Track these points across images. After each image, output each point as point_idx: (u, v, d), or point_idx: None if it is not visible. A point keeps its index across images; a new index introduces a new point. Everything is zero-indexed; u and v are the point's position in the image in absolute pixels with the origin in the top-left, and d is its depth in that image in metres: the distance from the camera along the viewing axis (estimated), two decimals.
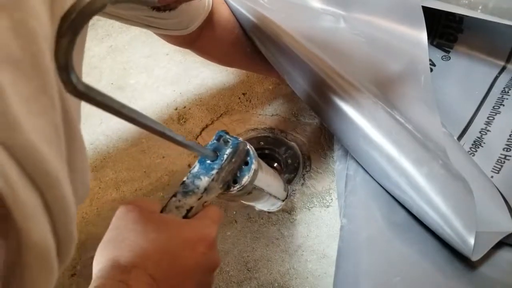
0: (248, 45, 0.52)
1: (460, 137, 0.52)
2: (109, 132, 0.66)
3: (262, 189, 0.39)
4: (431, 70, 0.58)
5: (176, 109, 0.68)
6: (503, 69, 0.55)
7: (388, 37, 0.48)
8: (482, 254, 0.37)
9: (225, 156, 0.33)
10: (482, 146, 0.50)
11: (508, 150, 0.48)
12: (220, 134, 0.35)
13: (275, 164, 0.62)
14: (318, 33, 0.49)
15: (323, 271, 0.50)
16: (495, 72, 0.55)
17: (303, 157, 0.60)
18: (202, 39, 0.48)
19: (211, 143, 0.34)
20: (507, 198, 0.43)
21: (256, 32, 0.49)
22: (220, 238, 0.53)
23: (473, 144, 0.51)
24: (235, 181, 0.35)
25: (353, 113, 0.44)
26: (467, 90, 0.55)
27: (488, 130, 0.51)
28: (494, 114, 0.52)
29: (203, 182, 0.32)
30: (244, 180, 0.34)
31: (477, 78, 0.55)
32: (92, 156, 0.63)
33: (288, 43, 0.46)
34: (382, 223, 0.43)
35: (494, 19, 0.46)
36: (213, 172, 0.32)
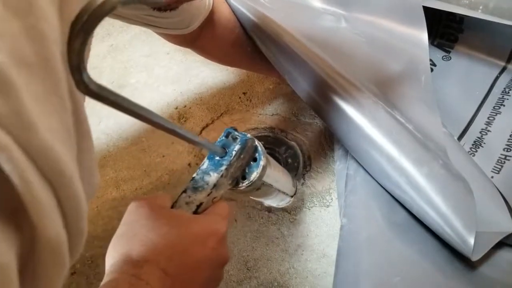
0: (249, 45, 0.52)
1: (461, 137, 0.52)
2: (109, 131, 0.66)
3: (271, 185, 0.39)
4: (432, 70, 0.58)
5: (177, 108, 0.68)
6: (504, 69, 0.55)
7: (389, 37, 0.48)
8: (482, 254, 0.37)
9: (234, 153, 0.34)
10: (483, 146, 0.50)
11: (509, 150, 0.48)
12: (229, 131, 0.35)
13: None
14: (319, 33, 0.49)
15: (323, 271, 0.50)
16: (496, 72, 0.55)
17: (303, 157, 0.60)
18: (203, 38, 0.48)
19: (220, 140, 0.35)
20: (507, 198, 0.43)
21: (257, 32, 0.49)
22: None
23: (474, 144, 0.51)
24: (244, 177, 0.35)
25: (354, 113, 0.44)
26: (468, 90, 0.55)
27: (489, 130, 0.51)
28: (495, 114, 0.52)
29: (212, 178, 0.33)
30: (253, 176, 0.35)
31: (478, 78, 0.55)
32: None
33: (289, 43, 0.46)
34: (382, 223, 0.43)
35: (495, 19, 0.46)
36: (222, 169, 0.33)
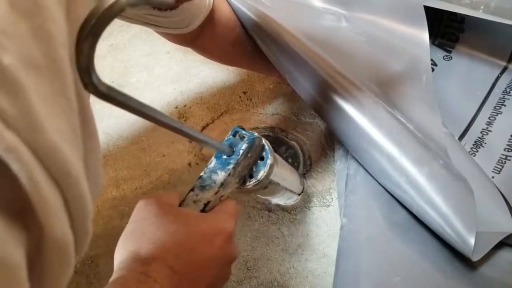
0: (249, 44, 0.52)
1: (461, 137, 0.52)
2: (109, 131, 0.66)
3: (278, 184, 0.40)
4: (433, 70, 0.58)
5: (177, 108, 0.68)
6: (505, 69, 0.54)
7: (390, 37, 0.48)
8: (483, 254, 0.37)
9: (241, 151, 0.34)
10: (483, 146, 0.50)
11: (509, 151, 0.48)
12: (236, 130, 0.35)
13: None
14: (319, 32, 0.49)
15: (323, 271, 0.50)
16: (497, 72, 0.55)
17: (304, 157, 0.60)
18: (203, 38, 0.48)
19: (227, 139, 0.35)
20: (508, 199, 0.43)
21: (257, 31, 0.49)
22: None
23: (474, 144, 0.51)
24: (251, 176, 0.36)
25: (354, 113, 0.43)
26: (469, 90, 0.55)
27: (490, 130, 0.51)
28: (496, 114, 0.52)
29: (220, 177, 0.33)
30: (260, 175, 0.35)
31: (479, 78, 0.55)
32: None
33: (289, 42, 0.46)
34: (383, 223, 0.43)
35: (496, 19, 0.46)
36: (230, 167, 0.33)
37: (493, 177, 0.47)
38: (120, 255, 0.28)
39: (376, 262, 0.40)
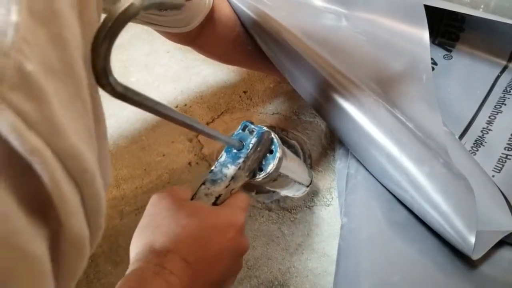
0: (249, 43, 0.52)
1: (462, 136, 0.52)
2: (109, 130, 0.66)
3: (287, 176, 0.40)
4: (433, 69, 0.58)
5: (177, 107, 0.67)
6: (505, 68, 0.54)
7: (390, 36, 0.48)
8: (483, 253, 0.37)
9: (251, 145, 0.35)
10: (484, 145, 0.50)
11: (510, 150, 0.48)
12: (245, 124, 0.36)
13: None
14: (320, 31, 0.49)
15: (323, 270, 0.50)
16: (497, 71, 0.55)
17: (304, 156, 0.60)
18: (203, 37, 0.48)
19: (237, 133, 0.36)
20: (508, 198, 0.43)
21: (257, 30, 0.49)
22: None
23: (475, 143, 0.51)
24: (261, 169, 0.36)
25: (354, 112, 0.43)
26: (469, 89, 0.55)
27: (490, 129, 0.51)
28: (496, 113, 0.52)
29: (230, 171, 0.34)
30: (270, 168, 0.36)
31: (479, 77, 0.55)
32: None
33: (290, 41, 0.46)
34: (383, 222, 0.43)
35: (496, 18, 0.46)
36: (240, 161, 0.34)
37: (494, 176, 0.47)
38: (136, 247, 0.29)
39: (377, 261, 0.40)
